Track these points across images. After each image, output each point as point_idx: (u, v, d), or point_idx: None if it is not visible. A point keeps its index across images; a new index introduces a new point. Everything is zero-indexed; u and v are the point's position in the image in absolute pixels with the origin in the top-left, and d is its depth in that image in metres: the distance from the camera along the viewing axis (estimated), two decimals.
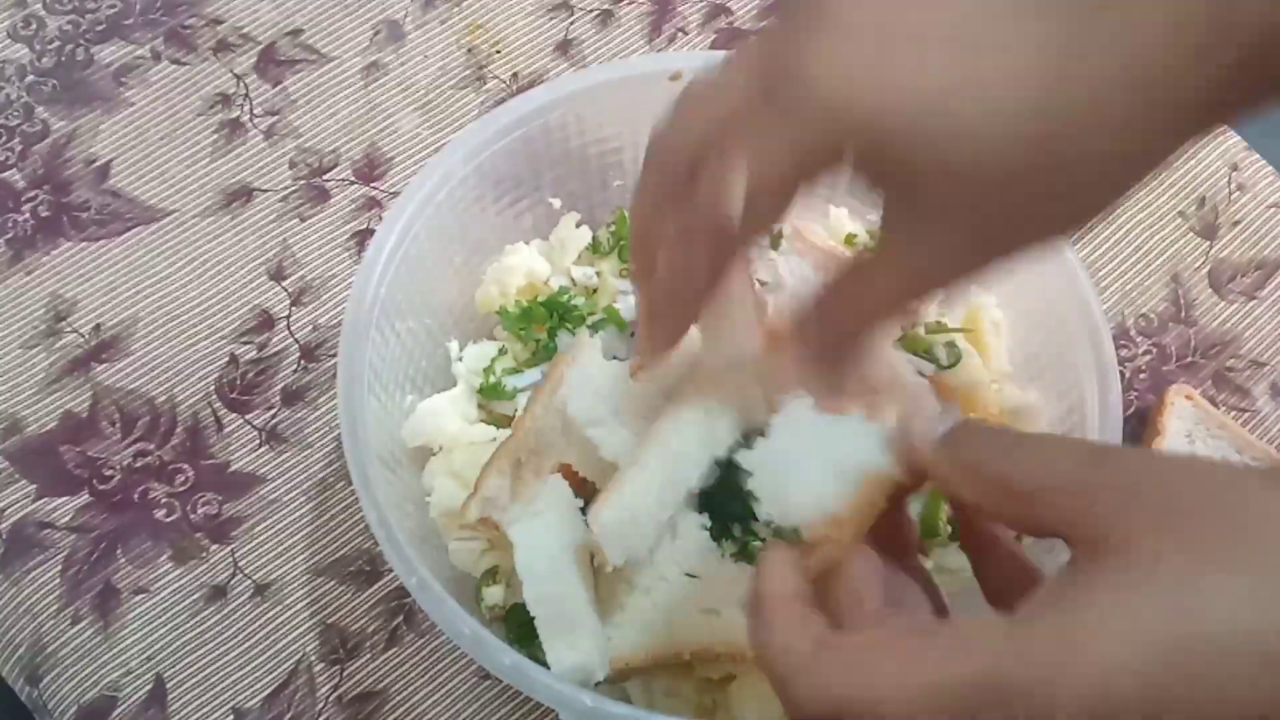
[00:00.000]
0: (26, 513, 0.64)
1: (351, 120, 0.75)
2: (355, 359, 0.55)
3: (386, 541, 0.50)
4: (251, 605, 0.62)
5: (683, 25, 0.79)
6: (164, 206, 0.73)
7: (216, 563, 0.63)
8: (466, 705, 0.60)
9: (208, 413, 0.67)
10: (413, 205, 0.58)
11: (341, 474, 0.65)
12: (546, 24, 0.79)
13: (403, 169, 0.74)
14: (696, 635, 0.49)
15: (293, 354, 0.69)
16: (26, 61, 0.77)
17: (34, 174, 0.73)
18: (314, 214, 0.73)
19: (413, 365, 0.61)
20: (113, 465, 0.65)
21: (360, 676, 0.61)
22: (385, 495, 0.52)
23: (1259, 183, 0.74)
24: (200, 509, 0.64)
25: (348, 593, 0.62)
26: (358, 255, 0.71)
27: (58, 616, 0.62)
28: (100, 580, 0.62)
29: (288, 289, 0.70)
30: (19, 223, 0.72)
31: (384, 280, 0.57)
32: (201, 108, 0.76)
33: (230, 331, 0.69)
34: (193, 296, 0.70)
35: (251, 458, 0.66)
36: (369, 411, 0.54)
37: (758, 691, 0.52)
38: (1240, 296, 0.71)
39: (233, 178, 0.74)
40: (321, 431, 0.67)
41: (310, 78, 0.77)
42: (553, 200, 0.65)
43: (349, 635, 0.61)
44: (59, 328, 0.69)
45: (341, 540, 0.64)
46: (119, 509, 0.64)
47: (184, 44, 0.78)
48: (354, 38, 0.78)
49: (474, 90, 0.77)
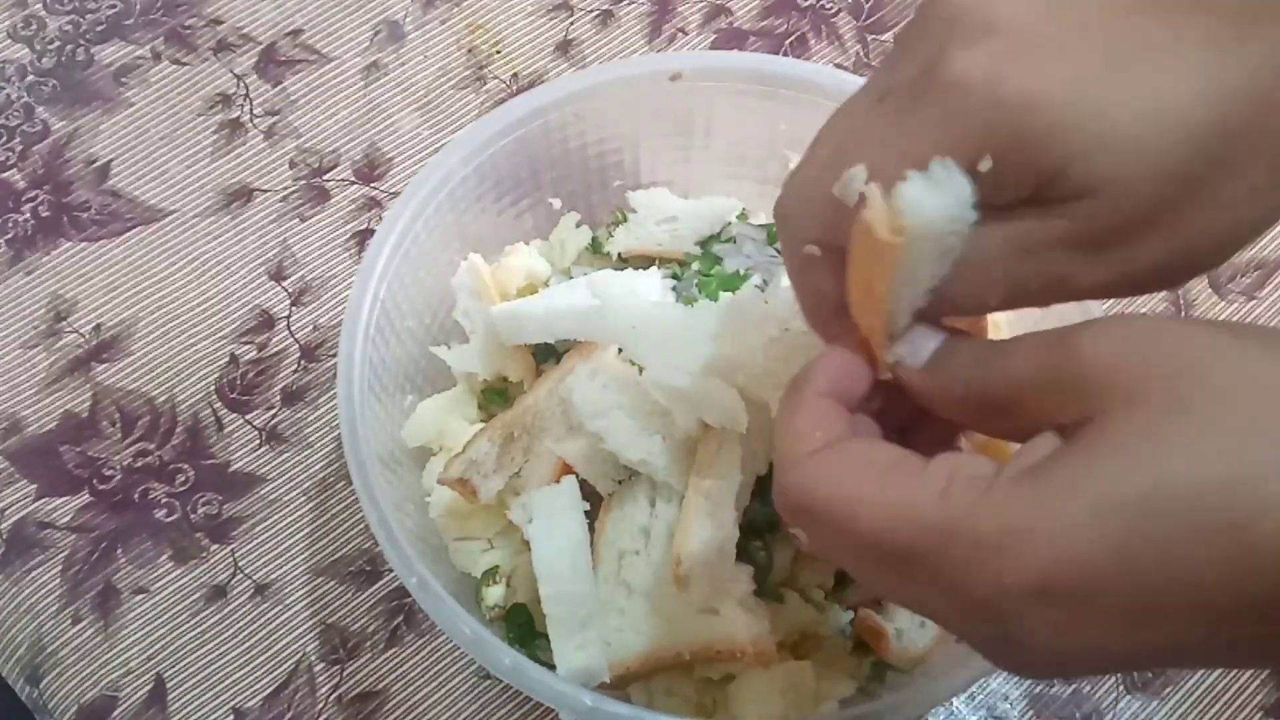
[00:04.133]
0: (27, 513, 0.64)
1: (352, 120, 0.75)
2: (355, 359, 0.55)
3: (386, 541, 0.50)
4: (252, 605, 0.62)
5: (683, 25, 0.79)
6: (164, 207, 0.73)
7: (217, 563, 0.63)
8: (467, 705, 0.60)
9: (208, 413, 0.67)
10: (413, 205, 0.58)
11: (342, 474, 0.65)
12: (546, 24, 0.79)
13: (403, 169, 0.74)
14: (696, 635, 0.50)
15: (293, 354, 0.69)
16: (27, 62, 0.77)
17: (34, 174, 0.73)
18: (314, 214, 0.73)
19: (413, 365, 0.61)
20: (113, 465, 0.65)
21: (360, 676, 0.61)
22: (385, 495, 0.52)
23: None
24: (200, 509, 0.64)
25: (348, 593, 0.63)
26: (358, 255, 0.71)
27: (58, 616, 0.62)
28: (100, 580, 0.62)
29: (288, 289, 0.71)
30: (19, 223, 0.72)
31: (384, 280, 0.57)
32: (202, 108, 0.76)
33: (230, 331, 0.69)
34: (193, 296, 0.70)
35: (252, 458, 0.66)
36: (369, 411, 0.54)
37: (758, 691, 0.52)
38: (1240, 296, 0.71)
39: (233, 178, 0.74)
40: (322, 431, 0.67)
41: (310, 78, 0.77)
42: (553, 200, 0.65)
43: (349, 635, 0.61)
44: (59, 328, 0.69)
45: (342, 540, 0.64)
46: (119, 509, 0.64)
47: (184, 44, 0.78)
48: (354, 38, 0.78)
49: (474, 90, 0.77)
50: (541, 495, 0.53)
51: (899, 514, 0.30)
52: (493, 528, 0.57)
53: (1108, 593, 0.27)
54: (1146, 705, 0.61)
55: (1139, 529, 0.27)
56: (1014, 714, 0.61)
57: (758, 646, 0.49)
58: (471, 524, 0.57)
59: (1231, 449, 0.27)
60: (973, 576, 0.29)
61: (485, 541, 0.57)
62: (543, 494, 0.53)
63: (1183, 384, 0.28)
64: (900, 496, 0.30)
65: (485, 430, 0.54)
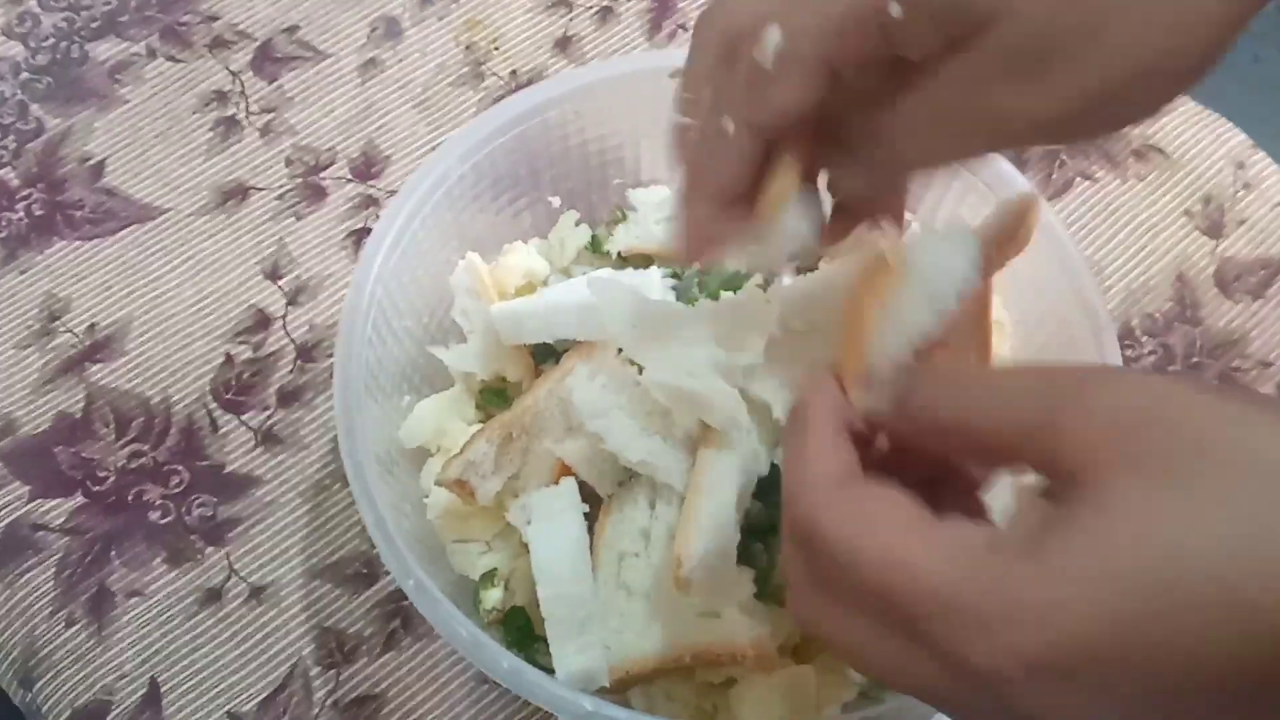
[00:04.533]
0: (20, 514, 0.64)
1: (348, 118, 0.75)
2: (352, 359, 0.54)
3: (383, 543, 0.50)
4: (247, 608, 0.62)
5: (683, 22, 0.79)
6: (159, 205, 0.72)
7: (211, 565, 0.63)
8: (464, 709, 0.59)
9: (203, 414, 0.66)
10: (410, 203, 0.58)
11: (338, 475, 0.65)
12: (545, 21, 0.78)
13: (400, 167, 0.74)
14: (696, 638, 0.49)
15: (289, 354, 0.68)
16: (21, 59, 0.77)
17: (28, 172, 0.73)
18: (310, 212, 0.72)
19: (410, 365, 0.60)
20: (107, 466, 0.65)
21: (357, 680, 0.60)
22: (382, 497, 0.51)
23: (1265, 181, 0.74)
24: (195, 511, 0.64)
25: (344, 595, 0.62)
26: (355, 254, 0.71)
27: (51, 619, 0.61)
28: (94, 583, 0.62)
29: (284, 288, 0.70)
30: (13, 221, 0.72)
31: (381, 279, 0.56)
32: (197, 105, 0.75)
33: (226, 331, 0.69)
34: (188, 296, 0.70)
35: (247, 459, 0.65)
36: (366, 412, 0.54)
37: (759, 695, 0.52)
38: (1246, 296, 0.71)
39: (228, 176, 0.73)
40: (318, 432, 0.66)
41: (306, 75, 0.76)
42: (551, 198, 0.65)
43: (345, 638, 0.61)
44: (53, 327, 0.69)
45: (338, 543, 0.63)
46: (113, 511, 0.64)
47: (179, 41, 0.77)
48: (351, 34, 0.78)
49: (472, 87, 0.76)
50: (540, 497, 0.52)
51: (905, 571, 0.30)
52: (491, 530, 0.56)
53: (1109, 669, 0.27)
54: None
55: (1139, 604, 0.27)
56: None
57: (759, 650, 0.48)
58: (469, 526, 0.56)
59: (1233, 522, 0.27)
60: (975, 647, 0.28)
61: (483, 544, 0.56)
62: (542, 495, 0.52)
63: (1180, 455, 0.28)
64: (908, 554, 0.30)
65: (483, 431, 0.54)
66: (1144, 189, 0.73)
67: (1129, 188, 0.73)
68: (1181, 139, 0.74)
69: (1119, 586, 0.27)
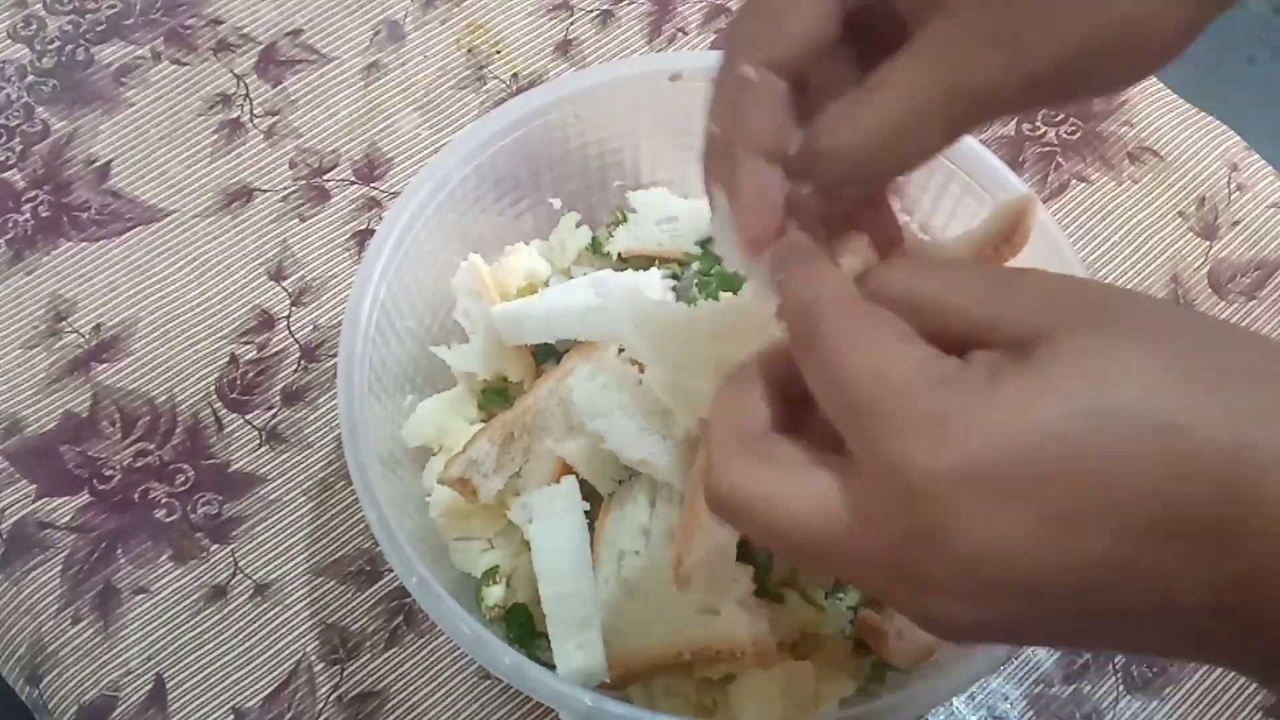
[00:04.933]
0: (27, 513, 0.64)
1: (351, 120, 0.75)
2: (355, 359, 0.55)
3: (386, 541, 0.50)
4: (251, 605, 0.62)
5: (683, 25, 0.79)
6: (164, 207, 0.73)
7: (217, 563, 0.63)
8: (467, 705, 0.60)
9: (208, 413, 0.67)
10: (413, 205, 0.58)
11: (342, 474, 0.65)
12: (546, 24, 0.79)
13: (403, 169, 0.74)
14: (696, 635, 0.50)
15: (293, 354, 0.69)
16: (27, 62, 0.77)
17: (34, 174, 0.73)
18: (314, 214, 0.73)
19: (413, 365, 0.61)
20: (113, 465, 0.65)
21: (360, 676, 0.61)
22: (385, 495, 0.52)
23: (1259, 183, 0.74)
24: (200, 509, 0.64)
25: (348, 593, 0.63)
26: (358, 255, 0.71)
27: (58, 616, 0.62)
28: (100, 580, 0.62)
29: (288, 289, 0.71)
30: (19, 223, 0.72)
31: (384, 280, 0.57)
32: (201, 108, 0.76)
33: (230, 331, 0.69)
34: (193, 296, 0.70)
35: (252, 458, 0.66)
36: (369, 411, 0.54)
37: (758, 691, 0.52)
38: (1240, 296, 0.71)
39: (233, 178, 0.74)
40: (322, 431, 0.67)
41: (310, 78, 0.77)
42: (553, 200, 0.65)
43: (349, 635, 0.62)
44: (59, 328, 0.69)
45: (342, 540, 0.64)
46: (119, 509, 0.64)
47: (184, 44, 0.78)
48: (354, 38, 0.78)
49: (474, 90, 0.77)
50: (541, 495, 0.53)
51: (877, 374, 0.30)
52: (493, 528, 0.57)
53: (1041, 484, 0.28)
54: (1146, 705, 0.61)
55: (1084, 426, 0.28)
56: (1014, 714, 0.61)
57: (758, 646, 0.49)
58: (471, 524, 0.57)
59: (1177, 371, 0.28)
60: (920, 444, 0.29)
61: (485, 541, 0.57)
62: (543, 494, 0.53)
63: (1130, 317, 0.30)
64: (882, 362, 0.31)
65: (485, 430, 0.54)
66: (1139, 191, 0.74)
67: (1124, 190, 0.74)
68: (1176, 141, 0.75)
69: (1067, 409, 0.28)
